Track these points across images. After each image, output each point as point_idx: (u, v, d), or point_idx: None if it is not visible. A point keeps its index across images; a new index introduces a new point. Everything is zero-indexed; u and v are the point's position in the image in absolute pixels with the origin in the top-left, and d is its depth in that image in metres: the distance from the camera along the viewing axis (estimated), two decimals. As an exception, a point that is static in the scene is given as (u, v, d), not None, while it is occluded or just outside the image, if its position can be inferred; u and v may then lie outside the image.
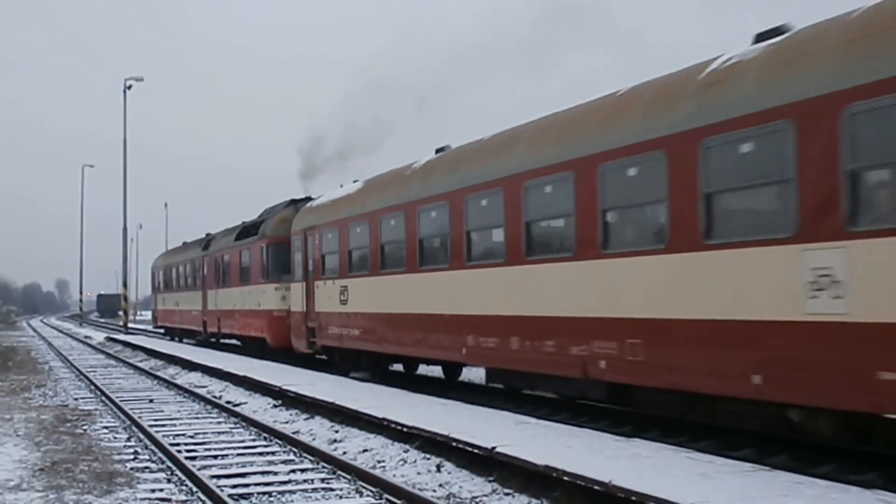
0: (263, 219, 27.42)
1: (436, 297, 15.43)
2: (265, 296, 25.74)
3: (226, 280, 30.89)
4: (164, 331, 45.30)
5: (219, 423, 14.60)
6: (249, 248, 27.66)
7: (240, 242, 28.88)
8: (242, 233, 28.95)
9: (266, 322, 25.62)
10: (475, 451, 9.82)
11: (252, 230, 27.78)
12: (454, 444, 10.24)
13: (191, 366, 24.93)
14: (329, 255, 20.65)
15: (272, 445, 12.27)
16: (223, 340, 32.96)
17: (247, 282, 27.92)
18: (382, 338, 17.86)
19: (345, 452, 11.40)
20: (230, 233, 31.21)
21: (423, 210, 15.83)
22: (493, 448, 9.49)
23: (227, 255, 30.61)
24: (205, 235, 36.88)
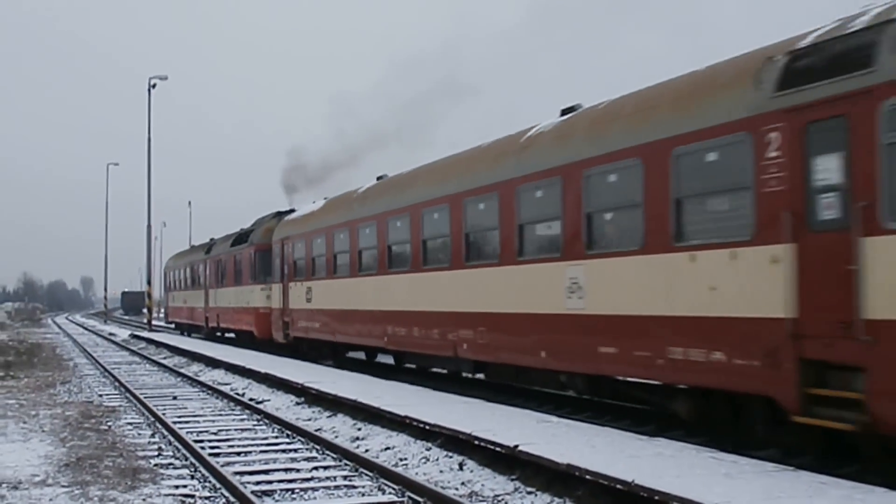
0: (253, 228, 31.12)
1: (368, 297, 19.37)
2: (253, 295, 29.42)
3: (223, 280, 34.61)
4: (174, 326, 48.40)
5: (242, 420, 14.68)
6: (241, 254, 31.44)
7: (234, 248, 32.69)
8: (237, 240, 32.65)
9: (253, 317, 29.34)
10: (497, 450, 9.80)
11: (244, 238, 31.46)
12: (476, 443, 10.24)
13: (214, 363, 25.20)
14: (299, 261, 24.74)
15: (295, 443, 12.32)
16: (221, 334, 35.94)
17: (239, 282, 31.64)
18: (335, 330, 21.86)
19: (367, 450, 11.43)
20: (227, 239, 34.85)
21: (361, 227, 19.87)
22: (516, 446, 9.46)
23: (224, 259, 34.37)
24: (209, 240, 40.45)
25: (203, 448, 11.47)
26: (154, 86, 47.15)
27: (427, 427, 11.55)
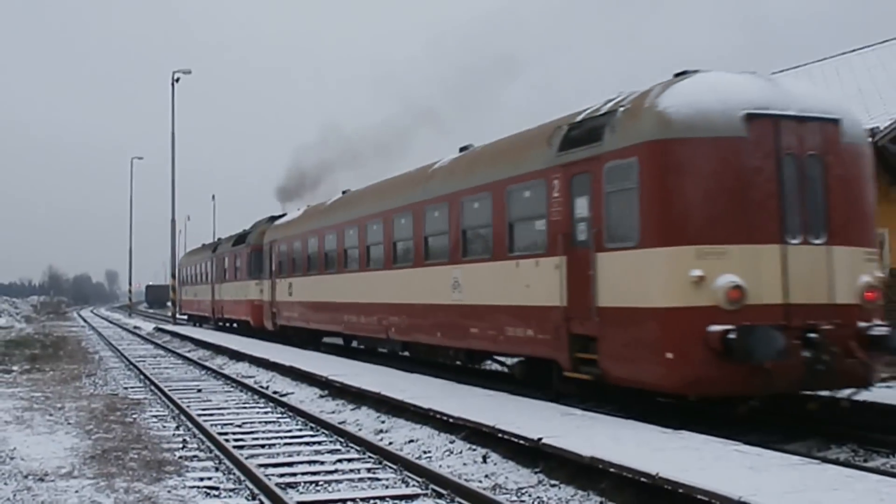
0: (250, 231, 35.54)
1: (331, 292, 23.57)
2: (249, 289, 33.80)
3: (226, 276, 39.07)
4: (188, 317, 52.46)
5: (266, 413, 14.82)
6: (240, 253, 35.82)
7: (235, 248, 37.21)
8: (237, 240, 37.19)
9: (249, 308, 33.68)
10: (521, 443, 9.82)
11: (243, 238, 35.90)
12: (500, 435, 10.26)
13: (238, 356, 25.42)
14: (283, 261, 28.98)
15: (319, 435, 12.39)
16: (224, 324, 40.30)
17: (238, 278, 35.99)
18: (309, 318, 26.01)
19: (391, 442, 11.54)
20: (230, 239, 39.60)
21: (327, 234, 24.16)
22: (540, 439, 9.47)
23: (227, 257, 38.90)
24: (216, 240, 46.09)
25: (227, 440, 11.53)
26: (178, 80, 47.40)
27: (451, 420, 11.58)
